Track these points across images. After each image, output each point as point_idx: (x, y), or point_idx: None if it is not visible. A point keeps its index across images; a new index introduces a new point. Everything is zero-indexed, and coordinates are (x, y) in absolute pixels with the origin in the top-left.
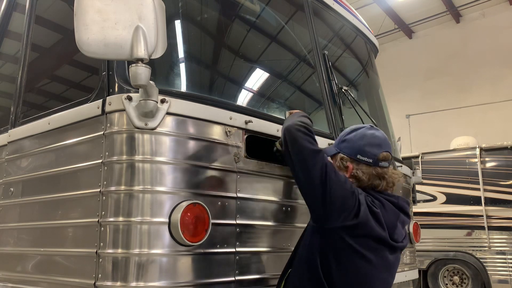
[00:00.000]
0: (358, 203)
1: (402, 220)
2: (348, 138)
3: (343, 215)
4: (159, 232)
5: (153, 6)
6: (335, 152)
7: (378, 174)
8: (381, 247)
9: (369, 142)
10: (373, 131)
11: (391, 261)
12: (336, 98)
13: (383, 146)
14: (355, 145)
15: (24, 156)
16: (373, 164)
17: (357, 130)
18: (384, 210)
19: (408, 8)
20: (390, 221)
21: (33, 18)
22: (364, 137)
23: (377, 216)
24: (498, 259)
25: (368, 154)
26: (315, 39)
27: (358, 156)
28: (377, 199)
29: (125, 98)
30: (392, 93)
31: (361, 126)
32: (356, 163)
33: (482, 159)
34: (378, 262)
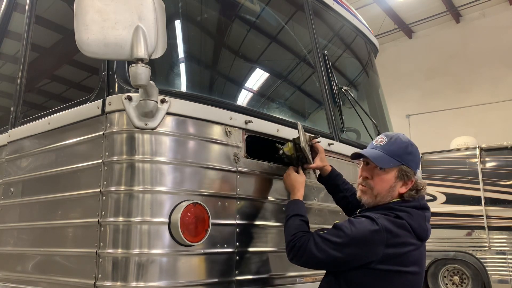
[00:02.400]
0: (380, 236)
1: (428, 217)
2: (414, 152)
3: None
4: (159, 232)
5: (153, 6)
6: (399, 164)
7: (419, 184)
8: (417, 252)
9: (419, 156)
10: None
11: (423, 253)
12: (336, 98)
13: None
14: (417, 161)
15: (24, 156)
16: (415, 174)
17: (412, 143)
18: (412, 218)
19: (408, 8)
20: (418, 226)
21: (33, 18)
22: (417, 151)
23: (403, 227)
24: (498, 259)
25: (418, 166)
26: (315, 39)
27: (417, 170)
28: (402, 211)
29: (125, 98)
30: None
31: (405, 137)
32: (414, 175)
33: (482, 159)
34: (419, 266)
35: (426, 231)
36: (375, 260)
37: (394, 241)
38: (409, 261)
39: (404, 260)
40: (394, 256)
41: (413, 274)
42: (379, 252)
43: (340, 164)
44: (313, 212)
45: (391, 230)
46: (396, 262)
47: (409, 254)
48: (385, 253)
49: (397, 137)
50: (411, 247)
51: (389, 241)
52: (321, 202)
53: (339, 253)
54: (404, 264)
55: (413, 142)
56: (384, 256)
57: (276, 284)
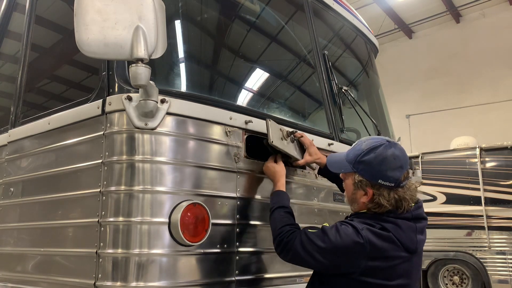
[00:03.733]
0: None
1: (420, 228)
2: (367, 161)
3: (356, 263)
4: (159, 232)
5: (153, 6)
6: (351, 171)
7: (399, 197)
8: (406, 265)
9: (390, 165)
10: (393, 150)
11: (415, 264)
12: (336, 98)
13: (404, 165)
14: (376, 170)
15: (24, 156)
16: (394, 187)
17: (375, 150)
18: (400, 231)
19: (408, 8)
20: (407, 239)
21: (33, 18)
22: (385, 161)
23: (388, 240)
24: (498, 259)
25: (391, 179)
26: (315, 39)
27: (379, 181)
28: (390, 222)
29: (125, 98)
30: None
31: (378, 142)
32: (377, 187)
33: (482, 159)
34: (407, 278)
35: (415, 244)
36: (356, 271)
37: (378, 254)
38: (395, 275)
39: (388, 273)
40: (378, 269)
41: (400, 287)
42: (361, 264)
43: None
44: (313, 212)
45: (375, 244)
46: (380, 275)
47: (395, 268)
48: (368, 266)
49: (361, 143)
50: (398, 260)
51: (371, 254)
52: (321, 202)
53: (322, 257)
54: (388, 278)
55: (383, 152)
56: (367, 268)
57: (276, 284)
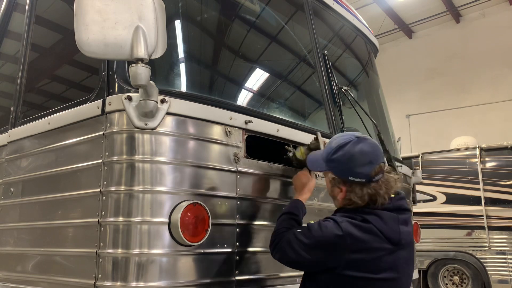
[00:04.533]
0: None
1: (403, 219)
2: (336, 159)
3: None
4: (159, 232)
5: (153, 6)
6: (325, 169)
7: (372, 192)
8: (391, 257)
9: (359, 162)
10: (361, 146)
11: (401, 257)
12: (336, 98)
13: (374, 160)
14: (344, 168)
15: (24, 156)
16: (367, 182)
17: (343, 148)
18: (381, 222)
19: (408, 8)
20: (389, 229)
21: (33, 18)
22: (353, 158)
23: (367, 231)
24: (498, 259)
25: (361, 175)
26: (315, 39)
27: (350, 178)
28: (371, 214)
29: (125, 98)
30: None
31: (346, 139)
32: (349, 184)
33: (482, 159)
34: (395, 272)
35: (398, 234)
36: (339, 265)
37: (359, 246)
38: (380, 267)
39: (373, 266)
40: (361, 262)
41: (385, 281)
42: (343, 257)
43: None
44: (313, 212)
45: (355, 236)
46: (364, 268)
47: (379, 260)
48: (351, 259)
49: (331, 141)
50: (381, 252)
51: (353, 247)
52: (321, 202)
53: (307, 254)
54: (373, 271)
55: (351, 149)
56: (350, 262)
57: (276, 284)
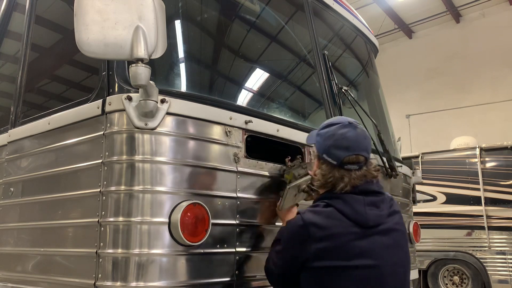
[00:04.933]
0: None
1: (370, 201)
2: (321, 134)
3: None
4: (159, 232)
5: (153, 6)
6: (313, 143)
7: (337, 176)
8: (363, 242)
9: (336, 143)
10: (345, 131)
11: (378, 243)
12: (336, 98)
13: (351, 148)
14: (322, 144)
15: (24, 156)
16: (337, 166)
17: (330, 127)
18: (344, 204)
19: (408, 8)
20: (353, 211)
21: (33, 18)
22: (332, 137)
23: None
24: (498, 259)
25: (333, 156)
26: (315, 39)
27: (324, 155)
28: (333, 198)
29: (125, 98)
30: (392, 93)
31: (338, 121)
32: (322, 161)
33: (482, 159)
34: (372, 259)
35: (364, 216)
36: (309, 257)
37: (323, 233)
38: (351, 254)
39: (342, 253)
40: (328, 250)
41: (361, 268)
42: (310, 248)
43: None
44: None
45: (317, 223)
46: (333, 256)
47: (348, 246)
48: (318, 249)
49: (329, 120)
50: (348, 236)
51: (316, 235)
52: None
53: (284, 260)
54: (344, 258)
55: (336, 130)
56: (317, 251)
57: None
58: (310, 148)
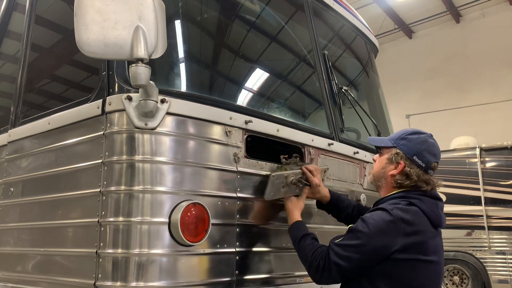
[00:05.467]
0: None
1: (441, 206)
2: (410, 138)
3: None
4: (159, 232)
5: (153, 6)
6: (391, 145)
7: (425, 179)
8: (434, 241)
9: (428, 148)
10: (434, 141)
11: (440, 242)
12: (336, 98)
13: (437, 157)
14: (415, 147)
15: (24, 156)
16: (424, 169)
17: (419, 134)
18: (425, 205)
19: (408, 8)
20: (432, 212)
21: (33, 18)
22: (426, 143)
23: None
24: (498, 259)
25: (424, 159)
26: (315, 39)
27: (414, 157)
28: (414, 198)
29: (125, 98)
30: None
31: (423, 132)
32: (410, 162)
33: (482, 159)
34: (437, 256)
35: (440, 218)
36: (396, 250)
37: (411, 229)
38: (428, 250)
39: (424, 248)
40: (414, 244)
41: (434, 263)
42: (398, 241)
43: (340, 164)
44: (313, 212)
45: (406, 219)
46: (417, 250)
47: (427, 242)
48: (405, 243)
49: (412, 129)
50: (428, 234)
51: (406, 230)
52: None
53: (362, 254)
54: (424, 253)
55: (427, 138)
56: (404, 245)
57: (276, 284)
58: (311, 148)
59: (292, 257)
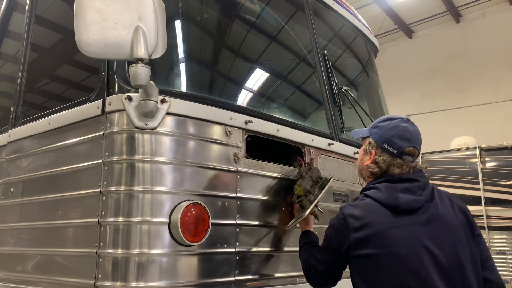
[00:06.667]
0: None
1: (408, 188)
2: (380, 126)
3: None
4: (159, 232)
5: (153, 6)
6: (367, 135)
7: (398, 164)
8: (402, 231)
9: (398, 134)
10: (407, 125)
11: (431, 232)
12: (336, 98)
13: (412, 141)
14: (384, 134)
15: (24, 156)
16: (396, 156)
17: (391, 120)
18: (380, 192)
19: (408, 8)
20: (388, 197)
21: (33, 18)
22: (395, 128)
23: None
24: (498, 259)
25: (394, 145)
26: (315, 39)
27: (384, 145)
28: (371, 188)
29: (125, 98)
30: (392, 93)
31: (398, 117)
32: (381, 150)
33: (482, 159)
34: (409, 248)
35: (398, 200)
36: (349, 246)
37: (359, 223)
38: (392, 242)
39: (381, 240)
40: (367, 238)
41: (403, 256)
42: (349, 237)
43: (340, 164)
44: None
45: (353, 214)
46: (372, 244)
47: (386, 234)
48: (355, 238)
49: (386, 116)
50: (385, 225)
51: (354, 225)
52: (321, 202)
53: (330, 254)
54: (383, 245)
55: (398, 123)
56: (355, 240)
57: (276, 284)
58: (311, 148)
59: (292, 257)
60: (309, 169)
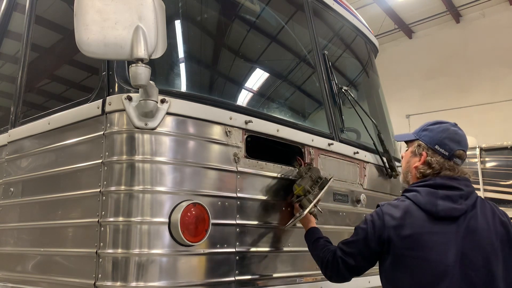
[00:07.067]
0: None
1: (448, 195)
2: (431, 128)
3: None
4: (159, 232)
5: (153, 6)
6: (414, 138)
7: (449, 166)
8: (432, 237)
9: (449, 136)
10: (456, 129)
11: (449, 239)
12: (336, 98)
13: (462, 144)
14: (436, 136)
15: (24, 156)
16: (447, 158)
17: (441, 124)
18: (419, 196)
19: (408, 8)
20: (427, 202)
21: (33, 18)
22: (446, 131)
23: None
24: None
25: (446, 147)
26: (315, 39)
27: (436, 146)
28: (411, 191)
29: (125, 98)
30: (392, 93)
31: (446, 121)
32: (432, 152)
33: (482, 159)
34: (437, 254)
35: (436, 206)
36: (383, 243)
37: (395, 223)
38: (422, 246)
39: (411, 243)
40: (399, 238)
41: (430, 261)
42: (383, 234)
43: (340, 164)
44: None
45: (391, 214)
46: (403, 245)
47: (417, 237)
48: (389, 236)
49: (434, 120)
50: (420, 229)
51: (390, 223)
52: (321, 202)
53: (361, 248)
54: (412, 248)
55: (448, 126)
56: (389, 238)
57: (276, 284)
58: (311, 148)
59: (292, 257)
60: (309, 169)
